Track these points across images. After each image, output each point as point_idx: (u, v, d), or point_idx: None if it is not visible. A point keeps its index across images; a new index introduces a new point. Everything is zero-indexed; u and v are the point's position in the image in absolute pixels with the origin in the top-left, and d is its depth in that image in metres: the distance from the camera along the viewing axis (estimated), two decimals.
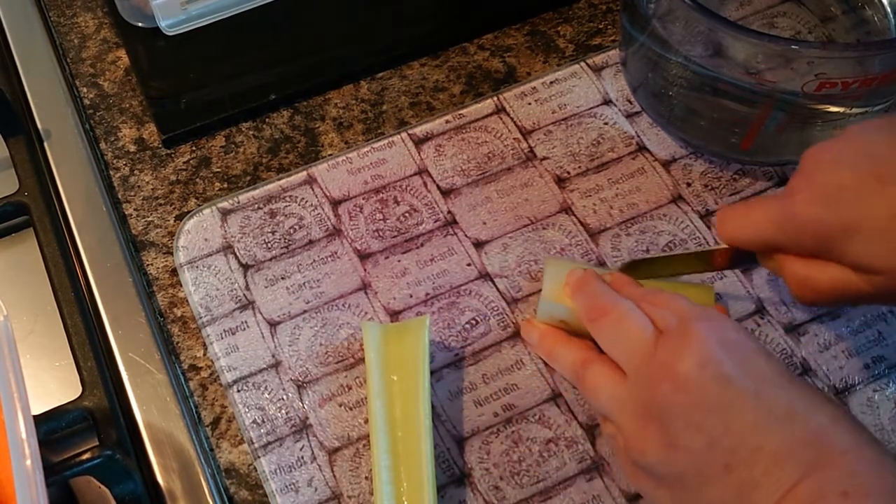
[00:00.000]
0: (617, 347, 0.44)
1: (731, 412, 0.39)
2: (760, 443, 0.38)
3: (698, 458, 0.39)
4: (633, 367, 0.42)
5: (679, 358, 0.40)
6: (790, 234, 0.43)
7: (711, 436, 0.39)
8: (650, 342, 0.42)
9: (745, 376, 0.39)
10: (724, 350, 0.40)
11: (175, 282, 0.55)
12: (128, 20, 0.63)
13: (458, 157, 0.58)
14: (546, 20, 0.64)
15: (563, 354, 0.48)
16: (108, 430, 0.48)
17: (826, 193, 0.41)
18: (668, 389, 0.40)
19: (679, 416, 0.39)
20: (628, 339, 0.43)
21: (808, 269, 0.43)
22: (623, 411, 0.42)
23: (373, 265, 0.54)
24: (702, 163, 0.58)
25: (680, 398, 0.39)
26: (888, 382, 0.50)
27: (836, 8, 0.61)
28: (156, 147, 0.60)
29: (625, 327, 0.43)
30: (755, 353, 0.40)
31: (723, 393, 0.39)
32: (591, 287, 0.47)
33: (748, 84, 0.50)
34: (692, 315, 0.42)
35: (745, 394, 0.39)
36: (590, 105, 0.60)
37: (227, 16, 0.63)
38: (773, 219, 0.43)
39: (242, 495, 0.49)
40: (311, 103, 0.62)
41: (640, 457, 0.41)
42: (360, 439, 0.49)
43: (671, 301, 0.44)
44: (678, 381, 0.40)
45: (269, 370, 0.51)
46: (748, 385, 0.39)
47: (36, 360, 0.54)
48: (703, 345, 0.40)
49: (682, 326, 0.41)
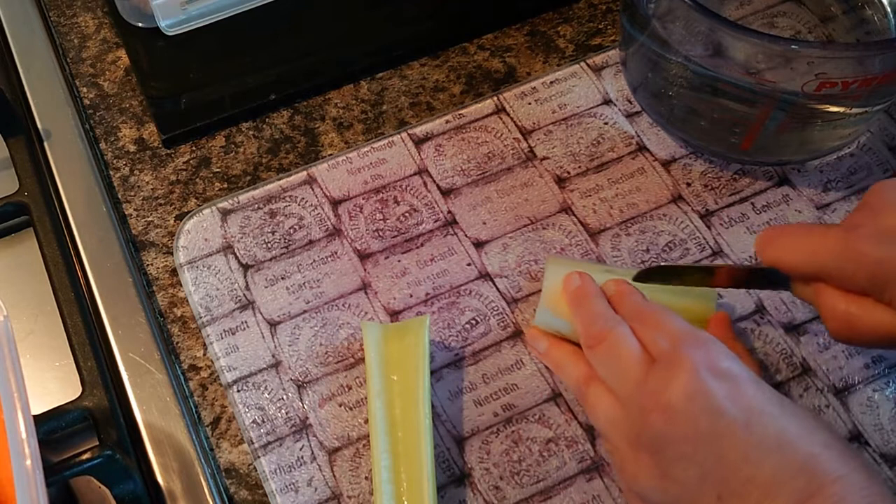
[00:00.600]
0: (611, 374, 0.44)
1: (721, 443, 0.39)
2: (752, 474, 0.38)
3: (691, 490, 0.39)
4: (625, 393, 0.43)
5: (668, 388, 0.40)
6: (846, 267, 0.42)
7: (703, 467, 0.39)
8: (641, 368, 0.42)
9: (734, 406, 0.39)
10: (714, 379, 0.40)
11: (175, 282, 0.55)
12: (128, 20, 0.63)
13: (458, 157, 0.58)
14: (546, 20, 0.64)
15: (568, 368, 0.48)
16: (108, 430, 0.48)
17: (891, 234, 0.40)
18: (658, 420, 0.40)
19: (670, 447, 0.40)
20: (620, 366, 0.43)
21: (851, 306, 0.42)
22: (618, 435, 0.43)
23: (373, 265, 0.54)
24: (702, 163, 0.58)
25: (670, 430, 0.40)
26: (888, 382, 0.50)
27: (836, 8, 0.61)
28: (156, 147, 0.60)
29: (617, 354, 0.43)
30: (745, 382, 0.40)
31: (712, 424, 0.39)
32: (587, 305, 0.47)
33: (748, 84, 0.50)
34: (682, 341, 0.42)
35: (735, 424, 0.39)
36: (590, 105, 0.60)
37: (227, 16, 0.63)
38: (831, 248, 0.42)
39: (242, 495, 0.49)
40: (311, 103, 0.62)
41: (633, 483, 0.42)
42: (360, 439, 0.49)
43: (665, 323, 0.43)
44: (667, 413, 0.40)
45: (269, 370, 0.51)
46: (738, 415, 0.39)
47: (36, 360, 0.54)
48: (691, 375, 0.40)
49: (672, 354, 0.41)
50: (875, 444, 0.48)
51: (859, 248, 0.41)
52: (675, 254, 0.54)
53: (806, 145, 0.55)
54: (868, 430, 0.49)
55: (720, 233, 0.55)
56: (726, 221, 0.55)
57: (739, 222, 0.55)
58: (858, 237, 0.41)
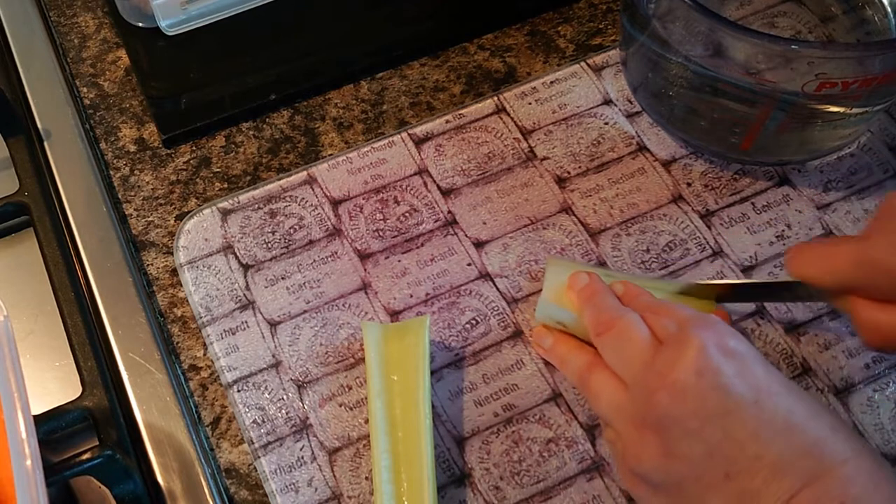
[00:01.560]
0: (618, 358, 0.44)
1: (729, 420, 0.39)
2: (760, 452, 0.38)
3: (698, 467, 0.39)
4: (632, 375, 0.43)
5: (676, 366, 0.40)
6: (866, 276, 0.42)
7: (710, 444, 0.39)
8: (649, 351, 0.42)
9: (743, 384, 0.39)
10: (723, 357, 0.40)
11: (175, 282, 0.55)
12: (128, 20, 0.63)
13: (459, 157, 0.58)
14: (546, 20, 0.64)
15: (572, 360, 0.48)
16: (108, 430, 0.48)
17: None
18: (665, 398, 0.40)
19: (677, 424, 0.40)
20: (629, 349, 0.43)
21: (878, 314, 0.43)
22: (622, 418, 0.43)
23: (373, 265, 0.54)
24: (702, 163, 0.58)
25: (677, 407, 0.40)
26: (888, 382, 0.50)
27: (836, 8, 0.61)
28: (156, 147, 0.60)
29: (626, 338, 0.44)
30: (754, 362, 0.40)
31: (721, 401, 0.39)
32: (598, 299, 0.47)
33: (748, 84, 0.50)
34: (691, 323, 0.42)
35: (743, 402, 0.39)
36: (590, 105, 0.60)
37: (227, 16, 0.63)
38: (849, 260, 0.43)
39: (242, 495, 0.49)
40: (311, 103, 0.62)
41: (636, 464, 0.41)
42: (360, 439, 0.49)
43: (673, 311, 0.44)
44: (675, 389, 0.40)
45: (269, 370, 0.51)
46: (746, 393, 0.39)
47: (36, 360, 0.54)
48: (700, 352, 0.40)
49: (681, 334, 0.41)
50: (875, 444, 0.48)
51: (874, 258, 0.42)
52: (675, 254, 0.54)
53: (806, 145, 0.55)
54: (868, 430, 0.49)
55: (720, 233, 0.55)
56: (726, 221, 0.55)
57: (740, 222, 0.55)
58: (872, 246, 0.42)
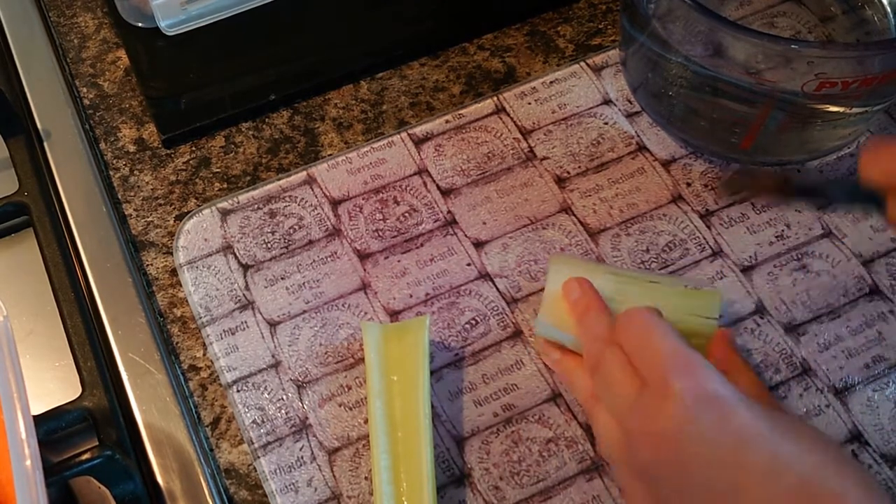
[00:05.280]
0: (607, 397, 0.44)
1: (710, 472, 0.39)
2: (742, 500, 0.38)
3: None
4: (619, 416, 0.43)
5: (656, 418, 0.40)
6: None
7: (693, 496, 0.39)
8: (633, 395, 0.42)
9: (722, 434, 0.39)
10: (702, 407, 0.39)
11: (175, 282, 0.55)
12: (128, 20, 0.63)
13: (458, 157, 0.58)
14: (546, 20, 0.64)
15: (578, 382, 0.48)
16: (108, 430, 0.48)
17: None
18: (647, 450, 0.40)
19: (661, 476, 0.40)
20: (614, 389, 0.43)
21: None
22: (618, 456, 0.43)
23: (373, 265, 0.54)
24: (702, 163, 0.58)
25: (659, 458, 0.40)
26: (888, 382, 0.50)
27: (836, 8, 0.61)
28: (156, 147, 0.60)
29: (610, 381, 0.43)
30: (735, 405, 0.40)
31: (700, 453, 0.39)
32: (587, 323, 0.47)
33: (748, 84, 0.50)
34: (671, 370, 0.41)
35: (722, 452, 0.39)
36: (590, 105, 0.60)
37: (227, 16, 0.63)
38: None
39: (242, 495, 0.49)
40: (311, 103, 0.62)
41: None
42: (360, 439, 0.49)
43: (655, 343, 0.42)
44: (655, 441, 0.40)
45: (269, 370, 0.51)
46: (726, 442, 0.39)
47: (36, 360, 0.54)
48: (678, 404, 0.40)
49: (661, 383, 0.41)
50: (875, 445, 0.48)
51: None
52: (674, 254, 0.54)
53: (806, 145, 0.55)
54: (868, 430, 0.49)
55: (720, 233, 0.55)
56: (726, 221, 0.55)
57: (739, 222, 0.55)
58: None
